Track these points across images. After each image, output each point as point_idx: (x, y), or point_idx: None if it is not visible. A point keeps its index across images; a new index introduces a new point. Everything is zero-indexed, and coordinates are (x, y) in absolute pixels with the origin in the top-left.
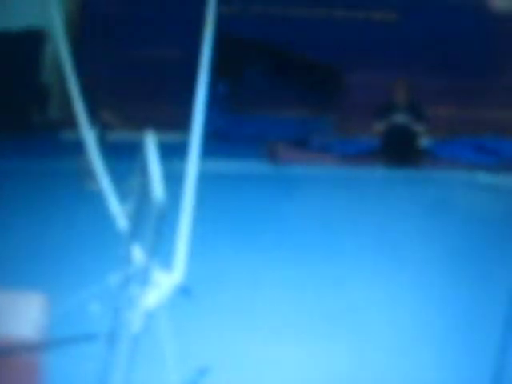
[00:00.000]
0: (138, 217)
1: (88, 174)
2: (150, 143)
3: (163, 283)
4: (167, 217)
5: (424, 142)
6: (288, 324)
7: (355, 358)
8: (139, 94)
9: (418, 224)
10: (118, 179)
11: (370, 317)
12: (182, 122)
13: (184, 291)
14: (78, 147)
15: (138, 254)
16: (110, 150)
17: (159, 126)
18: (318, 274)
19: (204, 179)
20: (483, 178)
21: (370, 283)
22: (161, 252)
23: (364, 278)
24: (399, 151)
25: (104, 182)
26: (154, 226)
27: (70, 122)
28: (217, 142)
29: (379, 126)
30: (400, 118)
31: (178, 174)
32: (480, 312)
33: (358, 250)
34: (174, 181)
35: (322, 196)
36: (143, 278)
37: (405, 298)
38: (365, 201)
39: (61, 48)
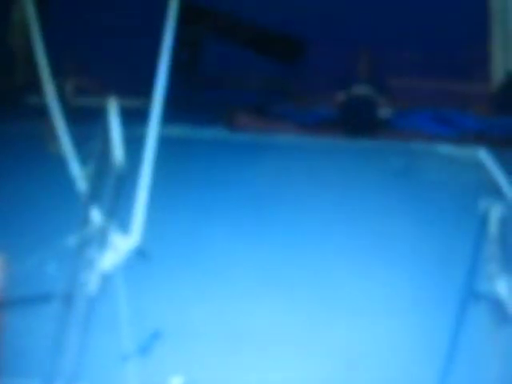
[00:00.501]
0: (98, 180)
1: (51, 137)
2: (112, 108)
3: (120, 246)
4: (126, 181)
5: (384, 112)
6: (245, 291)
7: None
8: (103, 60)
9: (377, 195)
10: (80, 143)
11: (338, 286)
12: (144, 89)
13: (140, 254)
14: (43, 111)
15: (96, 216)
16: (73, 115)
17: (121, 91)
18: (281, 244)
19: (164, 144)
20: (443, 149)
21: (332, 256)
22: (119, 215)
23: (326, 251)
24: (359, 121)
25: (65, 145)
26: (113, 189)
27: (36, 86)
28: (176, 108)
29: (339, 97)
30: (361, 89)
31: (139, 139)
32: (442, 282)
33: (316, 221)
34: (134, 145)
35: (279, 164)
36: (101, 240)
37: (368, 268)
38: (323, 171)
39: (28, 11)
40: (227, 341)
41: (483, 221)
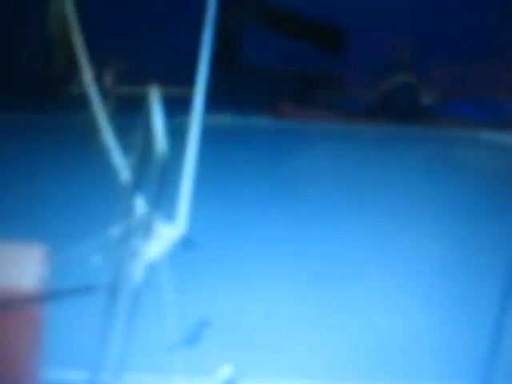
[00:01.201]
0: (142, 170)
1: (94, 127)
2: (154, 97)
3: (165, 235)
4: (170, 170)
5: (427, 99)
6: (291, 277)
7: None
8: (143, 49)
9: (419, 181)
10: (123, 133)
11: (370, 270)
12: (187, 78)
13: (187, 243)
14: (84, 101)
15: (140, 206)
16: (116, 104)
17: (164, 81)
18: (320, 228)
19: (207, 133)
20: (485, 135)
21: (370, 240)
22: (163, 204)
23: (365, 235)
24: (402, 108)
25: (108, 135)
26: (157, 179)
27: (76, 76)
28: (220, 96)
29: (383, 86)
30: (403, 78)
31: (182, 128)
32: (483, 267)
33: (359, 206)
34: (177, 135)
35: (323, 152)
36: (145, 230)
37: (407, 252)
38: (366, 158)
39: (66, 4)
40: (274, 329)
41: None
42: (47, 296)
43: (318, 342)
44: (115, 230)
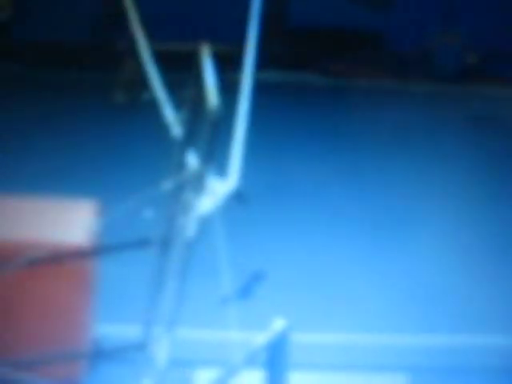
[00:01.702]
0: (193, 125)
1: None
2: (206, 54)
3: (218, 189)
4: (222, 125)
5: (473, 58)
6: (343, 231)
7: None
8: (194, 5)
9: (465, 139)
10: (174, 88)
11: (418, 222)
12: (237, 35)
13: (238, 197)
14: (134, 57)
15: (192, 161)
16: (166, 60)
17: (215, 37)
18: (371, 178)
19: (258, 89)
20: None
21: (418, 193)
22: (216, 159)
23: (411, 187)
24: (448, 66)
25: (159, 90)
26: (209, 134)
27: (125, 32)
28: (271, 54)
29: (428, 44)
30: (447, 38)
31: (234, 83)
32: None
33: (408, 163)
34: (229, 90)
35: (374, 109)
36: (198, 185)
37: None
38: (413, 114)
39: None
40: (327, 283)
41: None
42: (99, 250)
43: (371, 296)
44: (167, 184)
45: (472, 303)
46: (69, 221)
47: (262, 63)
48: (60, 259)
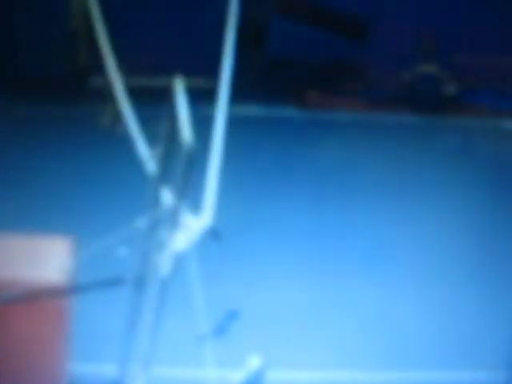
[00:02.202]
0: (167, 160)
1: (117, 118)
2: (179, 88)
3: (192, 226)
4: (196, 160)
5: (450, 89)
6: (315, 269)
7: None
8: (167, 39)
9: (442, 170)
10: (148, 124)
11: (393, 256)
12: (211, 68)
13: (213, 234)
14: (107, 93)
15: (167, 197)
16: (139, 95)
17: (188, 71)
18: (346, 218)
19: (233, 124)
20: (508, 124)
21: (393, 227)
22: (190, 195)
23: (387, 223)
24: (426, 98)
25: (132, 126)
26: (183, 170)
27: (99, 68)
28: (246, 86)
29: (404, 76)
30: (426, 67)
31: (207, 118)
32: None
33: (383, 195)
34: (203, 125)
35: (348, 141)
36: (172, 221)
37: (427, 243)
38: (391, 147)
39: None
40: (303, 320)
41: None
42: (74, 288)
43: (347, 334)
44: (142, 222)
45: (454, 340)
46: (44, 258)
47: (237, 96)
48: (35, 297)
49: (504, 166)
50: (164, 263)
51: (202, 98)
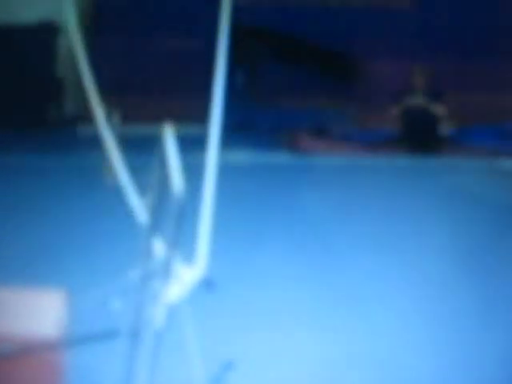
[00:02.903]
0: (159, 210)
1: (108, 168)
2: (169, 136)
3: (185, 277)
4: (188, 210)
5: (446, 128)
6: (314, 318)
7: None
8: (156, 85)
9: (438, 213)
10: (137, 173)
11: (383, 307)
12: (200, 114)
13: (207, 284)
14: (96, 142)
15: (159, 248)
16: (129, 144)
17: (177, 118)
18: (343, 266)
19: (224, 171)
20: (506, 164)
21: (387, 273)
22: (182, 246)
23: (383, 269)
24: (420, 139)
25: (123, 176)
26: (175, 220)
27: (87, 116)
28: (236, 133)
29: (396, 110)
30: (416, 99)
31: (198, 166)
32: (500, 304)
33: (378, 239)
34: (193, 173)
35: (342, 185)
36: (165, 273)
37: (424, 287)
38: (386, 190)
39: (75, 41)
40: (299, 371)
41: None
42: (67, 342)
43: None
44: (134, 273)
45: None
46: (36, 312)
47: (225, 141)
48: (29, 352)
49: (499, 207)
50: (158, 315)
51: (193, 146)
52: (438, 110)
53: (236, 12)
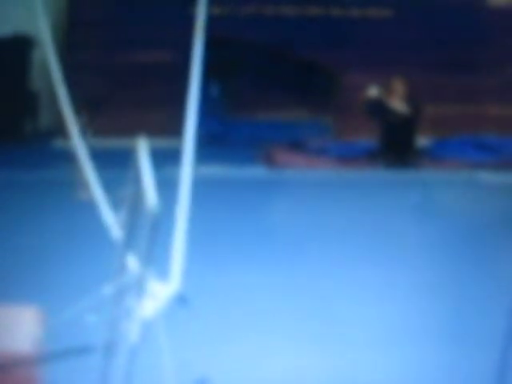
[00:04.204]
0: (132, 226)
1: (81, 183)
2: (142, 150)
3: (159, 293)
4: (162, 225)
5: (421, 142)
6: (288, 334)
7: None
8: (130, 99)
9: (416, 227)
10: (111, 188)
11: (364, 320)
12: (174, 128)
13: (181, 300)
14: (70, 156)
15: (132, 263)
16: (102, 158)
17: (151, 132)
18: (319, 281)
19: (198, 185)
20: (484, 177)
21: (365, 290)
22: (156, 261)
23: (359, 284)
24: (397, 152)
25: (96, 191)
26: (148, 235)
27: (61, 130)
28: (211, 146)
29: (370, 91)
30: (397, 106)
31: (172, 180)
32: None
33: (355, 255)
34: (167, 188)
35: (318, 200)
36: (139, 288)
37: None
38: (363, 204)
39: (49, 54)
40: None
41: None
42: (43, 358)
43: None
44: (108, 289)
45: None
46: (11, 328)
47: (199, 155)
48: (4, 368)
49: (481, 220)
50: (132, 330)
51: (167, 160)
52: (416, 117)
53: (210, 23)
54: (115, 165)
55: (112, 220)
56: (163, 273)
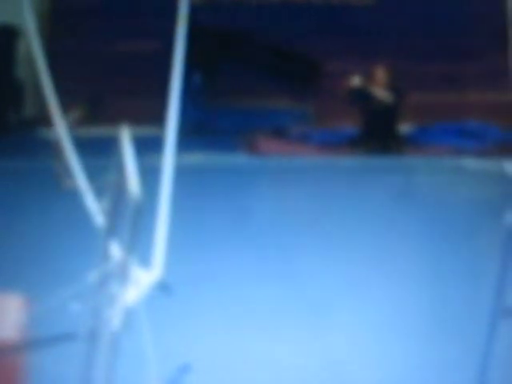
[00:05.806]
0: (115, 213)
1: (64, 172)
2: (125, 138)
3: (142, 280)
4: (144, 212)
5: (405, 129)
6: (269, 321)
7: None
8: (114, 88)
9: (400, 213)
10: (94, 176)
11: (345, 308)
12: (157, 116)
13: (163, 288)
14: (54, 145)
15: (116, 250)
16: (85, 146)
17: (134, 120)
18: (300, 268)
19: (181, 173)
20: (467, 163)
21: (347, 274)
22: (139, 248)
23: (342, 269)
24: (379, 138)
25: (80, 179)
26: (131, 223)
27: (46, 119)
28: (193, 135)
29: (352, 81)
30: (380, 93)
31: (155, 168)
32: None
33: (338, 242)
34: (150, 176)
35: (301, 187)
36: (122, 275)
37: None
38: (345, 191)
39: (33, 44)
40: (257, 373)
41: (510, 235)
42: (27, 345)
43: None
44: (92, 276)
45: None
46: None
47: (182, 143)
48: None
49: (465, 206)
50: (115, 318)
51: (150, 148)
52: (399, 103)
53: (193, 11)
54: (99, 153)
55: (96, 208)
56: (146, 260)
